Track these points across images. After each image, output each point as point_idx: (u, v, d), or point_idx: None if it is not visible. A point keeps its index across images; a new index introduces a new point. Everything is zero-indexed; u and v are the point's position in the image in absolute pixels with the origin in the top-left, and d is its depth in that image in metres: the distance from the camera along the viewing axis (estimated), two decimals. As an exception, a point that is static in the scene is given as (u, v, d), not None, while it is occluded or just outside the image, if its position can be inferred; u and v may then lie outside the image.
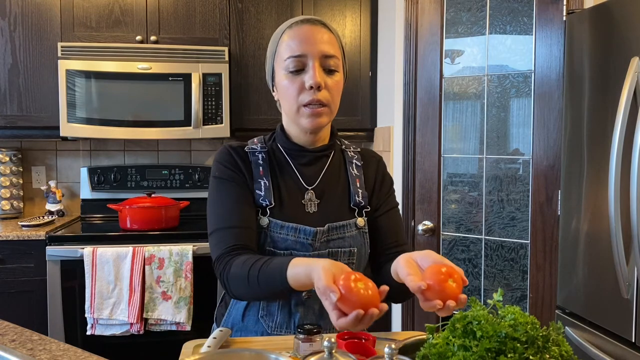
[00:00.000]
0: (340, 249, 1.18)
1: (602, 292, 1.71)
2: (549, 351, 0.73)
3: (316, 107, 1.13)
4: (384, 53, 2.85)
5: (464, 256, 2.38)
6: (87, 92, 2.64)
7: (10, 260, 2.47)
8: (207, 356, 0.90)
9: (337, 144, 1.29)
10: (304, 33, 1.14)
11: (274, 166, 1.22)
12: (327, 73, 1.15)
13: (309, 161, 1.23)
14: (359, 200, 1.23)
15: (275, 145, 1.25)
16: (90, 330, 2.39)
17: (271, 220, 1.16)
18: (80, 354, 1.04)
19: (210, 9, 2.82)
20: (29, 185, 3.06)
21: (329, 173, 1.24)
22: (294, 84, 1.14)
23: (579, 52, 1.84)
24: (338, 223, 1.19)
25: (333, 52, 1.15)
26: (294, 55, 1.13)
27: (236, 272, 1.07)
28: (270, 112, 2.89)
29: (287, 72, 1.15)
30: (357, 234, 1.21)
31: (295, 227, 1.15)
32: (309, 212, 1.19)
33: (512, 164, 2.24)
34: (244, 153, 1.22)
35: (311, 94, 1.13)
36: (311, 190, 1.21)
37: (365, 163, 1.29)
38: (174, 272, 2.41)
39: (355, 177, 1.25)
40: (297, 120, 1.17)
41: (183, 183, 3.06)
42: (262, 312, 1.18)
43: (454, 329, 0.79)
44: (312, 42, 1.13)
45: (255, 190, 1.18)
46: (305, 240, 1.15)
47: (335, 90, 1.16)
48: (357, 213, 1.23)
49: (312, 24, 1.16)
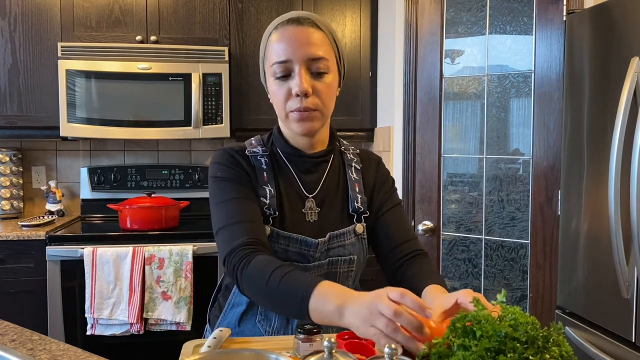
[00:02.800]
0: (340, 257, 1.16)
1: (602, 292, 1.71)
2: (549, 351, 0.73)
3: (305, 113, 1.09)
4: (384, 53, 2.85)
5: (464, 256, 2.38)
6: (87, 92, 2.64)
7: (10, 260, 2.47)
8: (207, 356, 0.90)
9: (336, 146, 1.25)
10: (289, 36, 1.08)
11: (276, 172, 1.18)
12: (315, 77, 1.09)
13: (309, 168, 1.19)
14: (357, 206, 1.20)
15: (275, 149, 1.20)
16: (90, 330, 2.39)
17: (273, 230, 1.12)
18: (80, 354, 1.04)
19: (210, 9, 2.82)
20: (29, 185, 3.06)
21: (328, 179, 1.20)
22: (281, 89, 1.10)
23: (579, 52, 1.84)
24: (338, 231, 1.16)
25: (321, 53, 1.09)
26: (279, 61, 1.09)
27: (255, 274, 1.00)
28: (270, 112, 2.89)
29: (274, 77, 1.11)
30: (356, 241, 1.19)
31: (296, 238, 1.12)
32: (309, 221, 1.16)
33: (512, 164, 2.24)
34: (246, 157, 1.17)
35: (298, 102, 1.08)
36: (311, 198, 1.18)
37: (364, 166, 1.25)
38: (174, 272, 2.41)
39: (354, 181, 1.22)
40: (288, 125, 1.14)
41: (183, 183, 3.06)
42: (260, 317, 1.17)
43: (454, 328, 0.79)
44: (298, 46, 1.07)
45: (261, 198, 1.14)
46: (307, 252, 1.13)
47: (325, 94, 1.11)
48: (356, 219, 1.20)
49: (299, 25, 1.09)
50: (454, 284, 2.41)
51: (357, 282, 1.24)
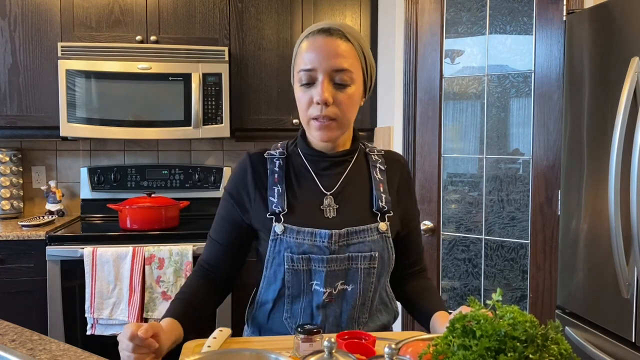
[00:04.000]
0: (360, 253, 1.17)
1: (602, 292, 1.71)
2: (548, 349, 0.73)
3: (324, 121, 1.15)
4: (384, 53, 2.85)
5: (464, 256, 2.38)
6: (87, 92, 2.64)
7: (10, 260, 2.47)
8: (207, 356, 0.90)
9: (360, 148, 1.29)
10: (318, 46, 1.13)
11: (290, 172, 1.23)
12: (337, 87, 1.14)
13: (328, 166, 1.23)
14: (382, 205, 1.22)
15: (295, 150, 1.26)
16: (90, 330, 2.39)
17: (286, 227, 1.16)
18: (80, 354, 1.04)
19: (210, 9, 2.82)
20: (29, 185, 3.06)
21: (349, 178, 1.24)
22: (304, 96, 1.16)
23: (579, 52, 1.84)
24: (358, 227, 1.18)
25: (346, 65, 1.13)
26: (305, 69, 1.14)
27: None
28: (270, 112, 2.89)
29: (300, 84, 1.16)
30: (379, 239, 1.20)
31: (311, 231, 1.16)
32: (327, 217, 1.19)
33: (512, 164, 2.24)
34: (262, 159, 1.24)
35: (319, 110, 1.14)
36: (330, 195, 1.21)
37: (389, 167, 1.28)
38: (174, 272, 2.41)
39: (379, 181, 1.25)
40: (308, 131, 1.20)
41: (183, 183, 3.06)
42: (286, 315, 1.20)
43: (454, 328, 0.79)
44: (324, 57, 1.12)
45: (269, 197, 1.20)
46: (322, 243, 1.15)
47: (346, 105, 1.15)
48: (380, 218, 1.22)
49: (328, 35, 1.14)
50: (454, 284, 2.41)
51: (386, 280, 1.25)
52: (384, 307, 1.25)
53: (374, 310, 1.23)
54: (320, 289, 1.15)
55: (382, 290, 1.24)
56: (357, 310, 1.19)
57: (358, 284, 1.17)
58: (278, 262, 1.17)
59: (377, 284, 1.20)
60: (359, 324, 1.20)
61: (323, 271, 1.14)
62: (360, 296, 1.18)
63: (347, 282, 1.17)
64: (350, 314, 1.18)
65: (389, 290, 1.28)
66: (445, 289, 2.44)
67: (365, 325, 1.21)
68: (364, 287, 1.18)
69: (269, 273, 1.19)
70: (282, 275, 1.16)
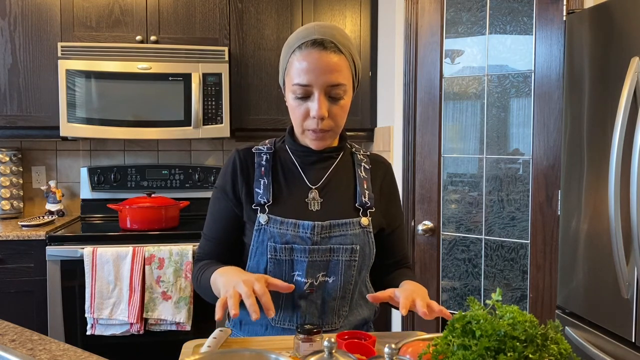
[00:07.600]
0: (341, 245, 1.20)
1: (602, 292, 1.71)
2: (548, 349, 0.73)
3: (320, 134, 1.19)
4: (384, 53, 2.85)
5: (464, 256, 2.38)
6: (87, 92, 2.65)
7: (10, 260, 2.47)
8: (207, 356, 0.90)
9: (347, 147, 1.33)
10: (313, 61, 1.14)
11: (277, 166, 1.26)
12: (332, 101, 1.17)
13: (314, 161, 1.27)
14: (364, 200, 1.26)
15: (283, 146, 1.29)
16: (90, 330, 2.39)
17: (270, 217, 1.20)
18: (80, 354, 1.04)
19: (210, 9, 2.82)
20: (29, 185, 3.06)
21: (334, 173, 1.28)
22: (299, 108, 1.18)
23: (579, 52, 1.84)
24: (340, 220, 1.21)
25: (341, 79, 1.16)
26: (301, 84, 1.15)
27: (192, 276, 1.29)
28: (270, 112, 2.89)
29: (294, 96, 1.18)
30: (361, 232, 1.23)
31: (294, 222, 1.19)
32: (311, 210, 1.22)
33: (512, 164, 2.24)
34: (250, 154, 1.27)
35: (315, 123, 1.17)
36: (315, 189, 1.25)
37: (373, 167, 1.32)
38: (174, 272, 2.41)
39: (362, 178, 1.29)
40: (302, 139, 1.25)
41: (183, 183, 3.06)
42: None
43: (453, 328, 0.79)
44: (320, 73, 1.13)
45: (255, 189, 1.23)
46: (305, 234, 1.18)
47: (340, 116, 1.20)
48: (362, 213, 1.25)
49: (322, 50, 1.14)
50: (454, 284, 2.42)
51: (366, 274, 1.28)
52: (364, 301, 1.28)
53: (354, 305, 1.26)
54: (301, 279, 1.18)
55: (362, 284, 1.28)
56: (338, 302, 1.22)
57: (339, 276, 1.20)
58: (261, 252, 1.20)
59: (358, 277, 1.24)
60: (339, 317, 1.23)
61: (305, 261, 1.18)
62: (340, 289, 1.21)
63: (328, 273, 1.20)
64: (330, 306, 1.21)
65: (369, 285, 1.32)
66: (445, 289, 2.44)
67: (345, 318, 1.24)
68: (344, 280, 1.21)
69: (252, 263, 1.22)
70: (265, 265, 1.19)
